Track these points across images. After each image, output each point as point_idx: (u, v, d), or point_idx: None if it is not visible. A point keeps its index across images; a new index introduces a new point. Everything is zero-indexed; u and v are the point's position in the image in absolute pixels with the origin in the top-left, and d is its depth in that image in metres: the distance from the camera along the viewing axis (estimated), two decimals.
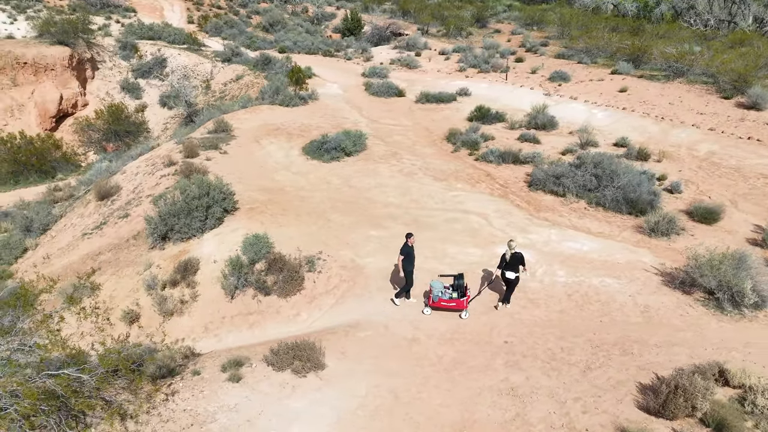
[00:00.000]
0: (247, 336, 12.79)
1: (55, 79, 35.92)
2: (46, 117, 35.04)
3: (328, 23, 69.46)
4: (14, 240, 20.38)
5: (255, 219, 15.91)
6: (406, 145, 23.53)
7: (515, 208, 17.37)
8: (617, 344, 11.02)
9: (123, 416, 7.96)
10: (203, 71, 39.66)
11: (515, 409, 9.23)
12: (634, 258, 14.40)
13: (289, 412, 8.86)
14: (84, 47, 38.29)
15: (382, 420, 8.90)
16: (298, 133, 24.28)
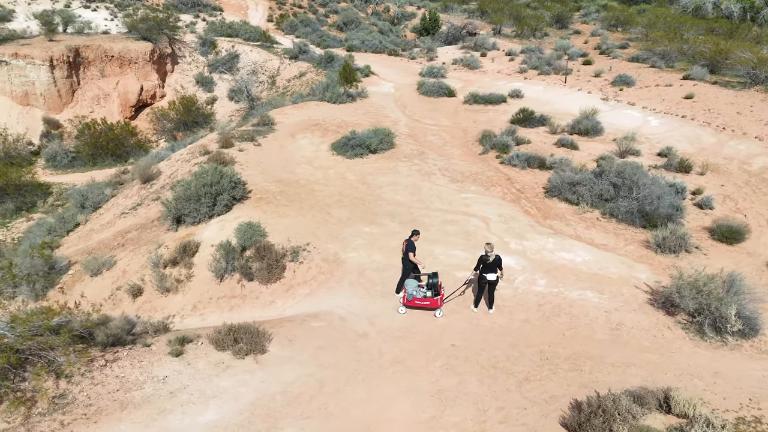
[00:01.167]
0: (226, 317, 13.52)
1: (137, 71, 39.16)
2: (127, 106, 38.30)
3: (408, 23, 70.00)
4: (68, 215, 22.67)
5: (259, 208, 16.70)
6: (436, 146, 23.48)
7: (522, 214, 16.93)
8: (570, 359, 10.59)
9: (59, 375, 8.89)
10: (271, 67, 41.53)
11: (433, 411, 9.21)
12: (629, 273, 13.63)
13: (212, 389, 9.41)
14: (166, 43, 41.39)
15: (296, 407, 9.22)
16: (334, 129, 24.93)
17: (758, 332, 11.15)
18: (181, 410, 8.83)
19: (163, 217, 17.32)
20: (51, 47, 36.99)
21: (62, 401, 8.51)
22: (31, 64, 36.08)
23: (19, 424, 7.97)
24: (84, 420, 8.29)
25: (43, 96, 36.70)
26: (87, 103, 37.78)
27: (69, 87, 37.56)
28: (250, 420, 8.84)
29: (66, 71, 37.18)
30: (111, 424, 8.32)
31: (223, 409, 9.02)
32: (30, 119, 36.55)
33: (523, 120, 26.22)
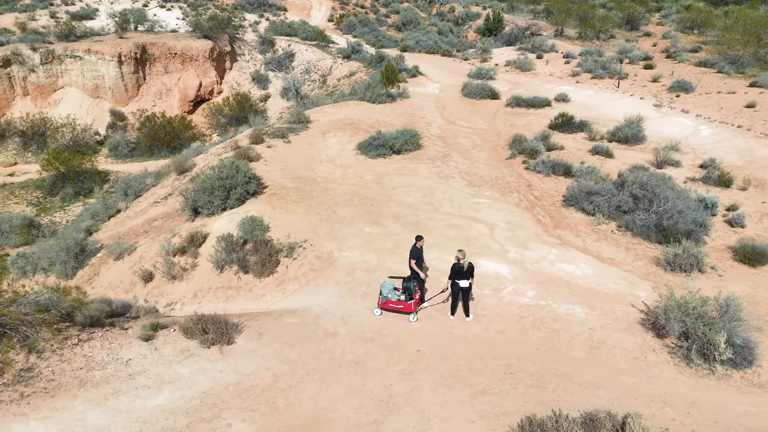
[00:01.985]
0: (220, 307, 14.00)
1: (198, 68, 41.09)
2: (186, 101, 40.29)
3: (472, 23, 69.22)
4: (111, 202, 24.20)
5: (270, 203, 17.14)
6: (464, 148, 23.13)
7: (532, 222, 16.38)
8: (536, 375, 10.19)
9: (31, 350, 9.58)
10: (323, 67, 42.33)
11: (376, 416, 9.16)
12: (628, 290, 12.89)
13: (170, 374, 9.82)
14: (226, 41, 43.16)
15: (244, 399, 9.45)
16: (366, 128, 25.10)
17: (752, 363, 10.24)
18: (135, 393, 9.28)
19: (183, 207, 18.14)
20: (120, 44, 39.50)
21: (27, 374, 9.17)
22: (102, 59, 38.69)
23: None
24: (43, 394, 8.90)
25: (111, 89, 39.24)
26: (150, 97, 40.05)
27: (135, 82, 39.93)
28: (198, 408, 9.15)
29: (133, 67, 39.56)
30: (66, 400, 8.88)
31: (175, 395, 9.39)
32: (99, 111, 39.23)
33: (562, 125, 25.30)
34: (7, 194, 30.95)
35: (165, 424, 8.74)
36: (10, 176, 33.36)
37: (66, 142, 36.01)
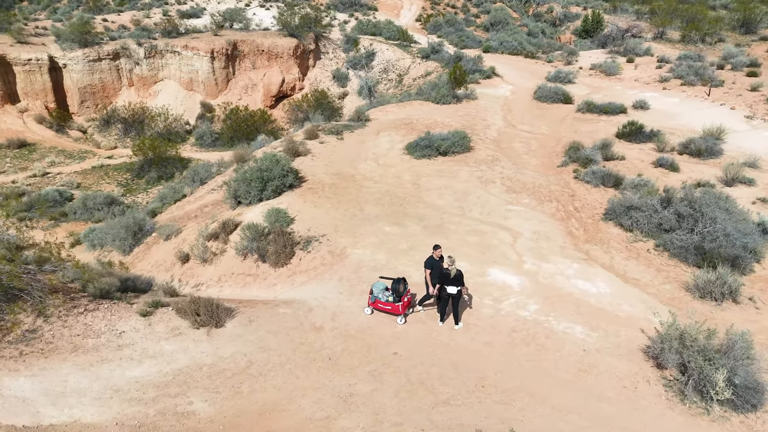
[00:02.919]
0: (237, 292, 14.78)
1: (282, 65, 42.97)
2: (268, 96, 42.30)
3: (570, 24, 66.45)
4: (179, 187, 26.05)
5: (302, 197, 17.69)
6: (516, 153, 22.39)
7: (562, 234, 15.59)
8: (508, 391, 9.78)
9: (40, 313, 10.68)
10: (402, 66, 42.61)
11: (330, 412, 9.25)
12: (643, 315, 11.93)
13: (154, 350, 10.52)
14: (311, 40, 44.73)
15: (213, 380, 9.92)
16: (421, 128, 25.03)
17: (757, 408, 9.11)
18: (118, 363, 10.06)
19: (226, 196, 19.18)
20: (214, 41, 42.25)
21: (31, 335, 10.25)
22: (197, 55, 41.61)
23: None
24: (38, 354, 9.91)
25: (203, 83, 42.09)
26: (237, 91, 42.49)
27: (225, 76, 42.55)
28: (168, 383, 9.75)
29: (224, 62, 42.16)
30: (56, 362, 9.82)
31: (153, 369, 10.06)
32: (191, 102, 42.25)
33: (629, 134, 23.72)
34: (102, 174, 34.28)
35: (134, 395, 9.41)
36: (108, 158, 36.86)
37: (159, 130, 39.19)
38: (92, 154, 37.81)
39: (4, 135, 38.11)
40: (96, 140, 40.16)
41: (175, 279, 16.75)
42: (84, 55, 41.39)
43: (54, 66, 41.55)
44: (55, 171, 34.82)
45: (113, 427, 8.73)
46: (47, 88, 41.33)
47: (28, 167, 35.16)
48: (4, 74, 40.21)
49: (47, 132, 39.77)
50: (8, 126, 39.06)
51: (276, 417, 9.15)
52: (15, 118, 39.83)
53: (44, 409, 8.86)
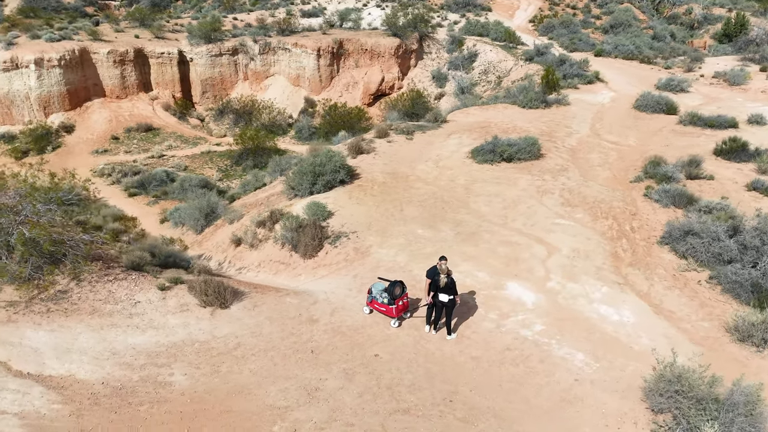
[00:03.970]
0: (268, 278, 15.55)
1: (383, 64, 43.81)
2: (367, 94, 43.36)
3: (710, 27, 60.59)
4: (261, 176, 27.73)
5: (349, 193, 18.09)
6: (590, 165, 20.98)
7: (604, 255, 14.42)
8: (475, 410, 9.38)
9: (74, 277, 12.07)
10: (503, 68, 41.51)
11: (290, 403, 9.49)
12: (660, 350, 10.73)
13: (159, 321, 11.45)
14: (413, 40, 45.07)
15: (199, 356, 10.59)
16: (496, 132, 24.26)
17: None
18: (124, 329, 11.11)
19: (284, 188, 20.15)
20: (321, 39, 44.18)
21: (61, 295, 11.64)
22: (305, 52, 43.80)
23: (25, 299, 11.32)
24: (61, 312, 11.24)
25: (308, 79, 44.23)
26: (339, 88, 44.09)
27: (329, 73, 44.35)
28: (159, 354, 10.60)
29: (329, 60, 43.97)
30: (74, 322, 11.08)
31: (152, 339, 10.98)
32: (296, 97, 44.59)
33: (729, 151, 21.21)
34: (207, 159, 37.42)
35: (127, 360, 10.36)
36: (216, 146, 40.12)
37: (264, 122, 41.85)
38: (204, 140, 41.38)
39: (135, 119, 42.97)
40: (210, 128, 43.86)
41: (227, 260, 17.93)
42: (207, 50, 45.32)
43: (182, 59, 45.96)
44: (170, 154, 38.62)
45: (99, 385, 9.70)
46: (175, 79, 45.84)
47: (150, 149, 39.37)
48: (141, 65, 45.26)
49: (171, 119, 44.16)
50: (140, 111, 43.96)
51: (240, 399, 9.59)
52: (146, 104, 44.71)
53: (49, 361, 10.07)
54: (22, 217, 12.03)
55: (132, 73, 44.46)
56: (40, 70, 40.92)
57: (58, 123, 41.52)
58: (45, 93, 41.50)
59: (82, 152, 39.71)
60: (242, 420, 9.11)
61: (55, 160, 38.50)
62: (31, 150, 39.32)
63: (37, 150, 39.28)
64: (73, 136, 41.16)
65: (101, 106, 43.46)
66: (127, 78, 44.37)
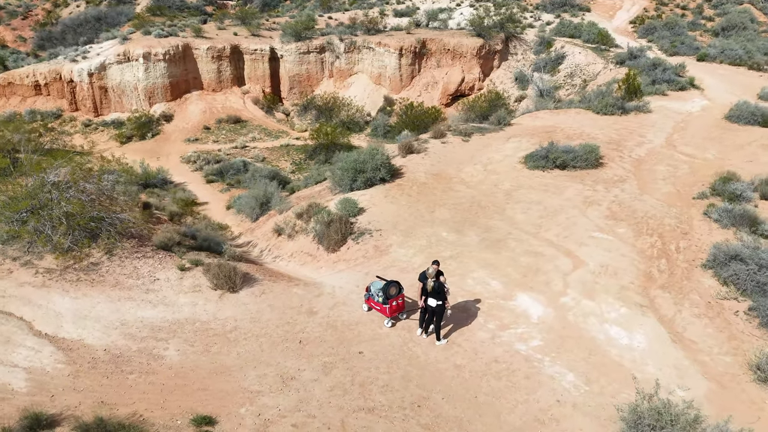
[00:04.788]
0: (297, 269, 16.07)
1: (464, 64, 43.27)
2: (445, 94, 43.04)
3: None
4: (322, 170, 28.49)
5: (386, 191, 18.21)
6: (652, 177, 19.49)
7: (635, 274, 13.40)
8: (440, 419, 9.19)
9: (109, 251, 13.20)
10: (590, 71, 39.48)
11: (263, 388, 9.82)
12: (665, 382, 9.86)
13: (170, 299, 12.23)
14: (498, 40, 44.05)
15: (196, 334, 11.21)
16: (559, 138, 23.27)
17: None
18: (138, 303, 12.02)
19: (330, 183, 20.64)
20: (404, 39, 44.48)
21: (92, 267, 12.81)
22: (387, 51, 44.35)
23: (61, 267, 12.58)
24: (89, 283, 12.37)
25: (389, 78, 44.75)
26: (418, 88, 44.18)
27: (410, 73, 44.59)
28: (161, 328, 11.37)
29: (410, 59, 44.20)
30: (96, 292, 12.15)
31: (159, 314, 11.79)
32: (376, 96, 45.27)
33: None
34: (284, 152, 39.06)
35: (132, 331, 11.22)
36: (296, 140, 41.73)
37: (343, 119, 42.90)
38: (286, 134, 43.21)
39: (227, 111, 45.77)
40: (293, 123, 45.69)
41: (268, 248, 18.71)
42: (296, 48, 47.22)
43: (273, 56, 48.24)
44: (252, 145, 40.74)
45: (101, 351, 10.60)
46: (266, 75, 48.23)
47: (235, 140, 41.78)
48: (237, 61, 48.07)
49: (259, 112, 46.54)
50: (231, 104, 46.73)
51: (220, 379, 10.07)
52: (238, 98, 47.44)
53: (66, 325, 11.15)
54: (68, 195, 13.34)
55: (227, 68, 47.33)
56: (148, 63, 44.72)
57: (159, 112, 45.18)
58: (150, 84, 45.29)
59: (177, 140, 42.94)
60: (215, 399, 9.56)
61: (153, 145, 42.11)
62: (134, 136, 43.13)
63: (139, 136, 43.02)
64: (170, 124, 44.60)
65: (198, 98, 46.70)
66: (222, 72, 47.31)
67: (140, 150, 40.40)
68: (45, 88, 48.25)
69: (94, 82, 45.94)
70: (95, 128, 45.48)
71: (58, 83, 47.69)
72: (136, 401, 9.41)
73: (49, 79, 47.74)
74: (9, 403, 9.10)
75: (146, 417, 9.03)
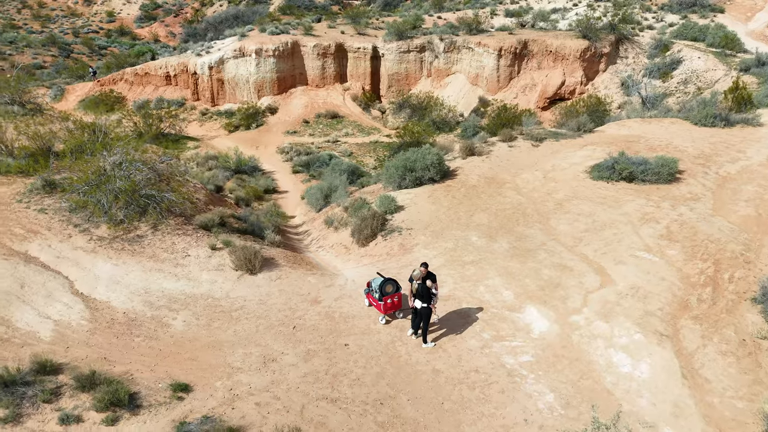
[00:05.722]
0: (329, 259, 16.64)
1: (566, 67, 41.27)
2: (543, 97, 41.35)
3: None
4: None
5: (432, 192, 18.16)
6: (732, 198, 17.48)
7: (668, 300, 12.20)
8: (397, 419, 9.18)
9: (154, 225, 14.54)
10: (708, 78, 35.91)
11: (246, 366, 10.38)
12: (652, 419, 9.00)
13: (194, 274, 13.23)
14: (606, 43, 41.42)
15: (205, 309, 12.06)
16: (640, 149, 21.66)
17: None
18: (165, 275, 13.16)
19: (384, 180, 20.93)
20: (504, 39, 43.41)
21: (137, 238, 14.21)
22: (486, 51, 43.60)
23: (111, 236, 14.10)
24: (130, 252, 13.76)
25: (486, 79, 43.97)
26: (515, 90, 42.95)
27: (508, 74, 43.48)
28: (177, 300, 12.38)
29: (510, 60, 43.08)
30: (133, 262, 13.47)
31: (180, 287, 12.83)
32: (471, 96, 44.71)
33: None
34: (371, 149, 39.90)
35: (151, 299, 12.35)
36: (386, 137, 42.43)
37: (434, 118, 42.89)
38: (378, 131, 44.09)
39: (326, 106, 47.66)
40: (388, 120, 46.47)
41: (318, 238, 19.49)
42: (397, 47, 47.91)
43: (375, 55, 49.33)
44: (344, 140, 42.11)
45: (120, 314, 11.81)
46: (366, 73, 49.49)
47: (329, 134, 43.43)
48: (340, 59, 49.82)
49: (356, 109, 47.90)
50: (332, 100, 48.57)
51: (210, 352, 10.80)
52: (338, 94, 49.18)
53: (100, 287, 12.54)
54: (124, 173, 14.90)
55: (331, 65, 49.22)
56: (259, 58, 47.81)
57: (265, 105, 48.15)
58: (260, 78, 48.40)
59: (278, 132, 45.51)
60: (199, 369, 10.29)
61: (255, 135, 45.01)
62: (241, 126, 46.36)
63: (245, 126, 46.17)
64: (274, 117, 47.35)
65: (302, 93, 49.09)
66: (326, 69, 49.29)
67: (243, 139, 43.39)
68: (174, 78, 53.36)
69: (213, 74, 49.98)
70: (210, 117, 49.51)
71: (185, 75, 52.49)
72: (133, 362, 10.39)
73: (178, 70, 52.72)
74: (31, 348, 10.48)
75: (135, 377, 9.95)
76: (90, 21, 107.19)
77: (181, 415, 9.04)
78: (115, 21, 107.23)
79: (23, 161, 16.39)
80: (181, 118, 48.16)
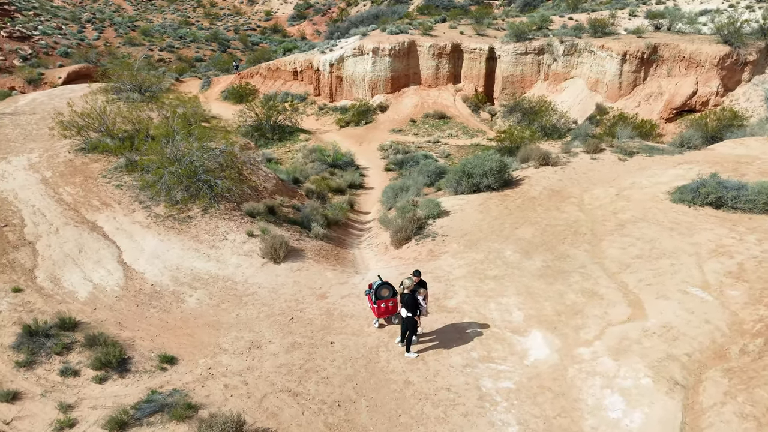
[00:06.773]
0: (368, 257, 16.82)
1: (700, 75, 37.04)
2: (668, 107, 37.52)
3: None
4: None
5: (486, 200, 17.54)
6: None
7: (699, 347, 10.61)
8: (349, 423, 9.13)
9: (205, 209, 15.67)
10: None
11: (232, 348, 10.90)
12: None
13: (224, 257, 14.07)
14: (753, 49, 36.45)
15: (221, 291, 12.81)
16: (749, 171, 19.02)
17: None
18: (198, 255, 14.18)
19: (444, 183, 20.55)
20: (631, 43, 40.11)
21: (187, 219, 15.44)
22: (609, 55, 40.71)
23: (165, 214, 15.47)
24: (176, 231, 15.00)
25: (606, 85, 41.08)
26: (638, 98, 39.57)
27: (632, 81, 40.20)
28: (200, 278, 13.30)
29: (635, 66, 39.80)
30: (175, 239, 14.66)
31: (207, 267, 13.75)
32: (588, 102, 42.02)
33: None
34: (470, 152, 38.95)
35: (179, 276, 13.38)
36: (490, 140, 41.32)
37: (544, 123, 40.95)
38: (483, 134, 43.10)
39: (435, 106, 47.61)
40: (496, 124, 45.22)
41: (372, 235, 19.72)
42: (514, 48, 46.35)
43: (492, 56, 48.20)
44: (445, 141, 41.79)
45: (149, 286, 12.98)
46: (480, 74, 48.55)
47: (433, 134, 43.37)
48: (456, 59, 49.41)
49: (465, 110, 47.23)
50: (442, 100, 48.39)
51: (206, 331, 11.48)
52: (449, 94, 48.86)
53: (142, 259, 13.86)
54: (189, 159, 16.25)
55: (445, 66, 49.00)
56: (375, 57, 49.05)
57: (377, 103, 49.30)
58: (375, 77, 49.65)
59: (384, 129, 46.39)
60: (191, 346, 11.01)
61: (362, 131, 46.32)
62: (351, 122, 47.98)
63: (355, 122, 47.68)
64: (384, 115, 48.32)
65: (414, 93, 49.50)
66: (440, 69, 49.18)
67: (350, 134, 44.88)
68: (300, 74, 56.64)
69: (333, 71, 52.24)
70: (326, 112, 51.83)
71: (309, 71, 55.48)
72: (140, 330, 11.40)
73: (304, 66, 55.86)
74: (67, 306, 11.94)
75: (136, 343, 10.93)
76: (250, 19, 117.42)
77: (157, 385, 9.76)
78: (271, 19, 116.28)
79: (116, 142, 18.54)
80: (300, 111, 51.00)
